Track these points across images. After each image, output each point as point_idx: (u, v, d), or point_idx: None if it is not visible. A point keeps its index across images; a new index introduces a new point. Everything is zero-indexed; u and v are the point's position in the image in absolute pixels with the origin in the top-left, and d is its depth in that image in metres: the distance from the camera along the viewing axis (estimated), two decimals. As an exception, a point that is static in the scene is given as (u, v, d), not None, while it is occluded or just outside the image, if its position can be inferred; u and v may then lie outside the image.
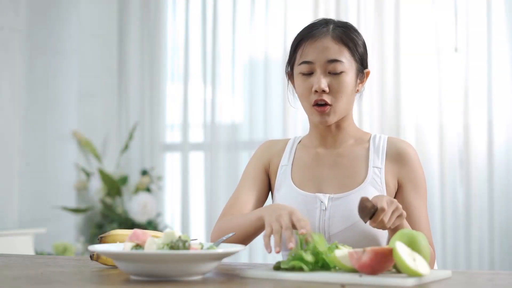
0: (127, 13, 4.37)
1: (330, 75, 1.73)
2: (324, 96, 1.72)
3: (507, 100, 3.47)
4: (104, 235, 1.63)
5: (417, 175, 1.78)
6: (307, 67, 1.74)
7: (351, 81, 1.74)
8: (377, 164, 1.77)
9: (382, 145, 1.80)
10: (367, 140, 1.82)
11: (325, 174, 1.79)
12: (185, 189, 4.18)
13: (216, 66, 4.13)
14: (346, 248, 1.42)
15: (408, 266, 1.27)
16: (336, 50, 1.73)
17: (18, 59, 4.07)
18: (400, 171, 1.77)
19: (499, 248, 3.43)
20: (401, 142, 1.81)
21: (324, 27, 1.76)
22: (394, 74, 3.67)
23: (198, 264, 1.33)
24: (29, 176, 4.07)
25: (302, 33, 1.78)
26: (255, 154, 1.92)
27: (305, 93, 1.75)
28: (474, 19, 3.52)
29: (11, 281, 1.36)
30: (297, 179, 1.81)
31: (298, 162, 1.84)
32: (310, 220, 1.73)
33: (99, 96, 4.25)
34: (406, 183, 1.76)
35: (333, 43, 1.73)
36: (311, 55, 1.73)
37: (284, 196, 1.80)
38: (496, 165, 3.46)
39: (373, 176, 1.75)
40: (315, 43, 1.74)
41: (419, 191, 1.77)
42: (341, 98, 1.73)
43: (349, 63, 1.74)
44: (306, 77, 1.75)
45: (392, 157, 1.78)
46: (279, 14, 3.97)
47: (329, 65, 1.72)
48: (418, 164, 1.79)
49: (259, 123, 4.01)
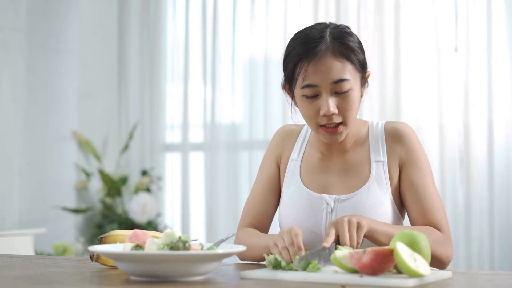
0: (127, 13, 4.37)
1: (336, 94, 1.66)
2: (333, 118, 1.66)
3: (507, 100, 3.46)
4: (104, 236, 1.63)
5: (417, 152, 1.74)
6: (311, 91, 1.66)
7: (357, 95, 1.70)
8: (378, 158, 1.75)
9: (380, 134, 1.77)
10: (366, 133, 1.79)
11: (331, 178, 1.77)
12: (185, 189, 4.18)
13: (216, 66, 4.12)
14: (346, 248, 1.42)
15: (409, 267, 1.27)
16: (340, 68, 1.65)
17: (18, 59, 4.08)
18: (400, 151, 1.74)
19: (499, 248, 3.43)
20: (397, 123, 1.79)
21: (321, 41, 1.66)
22: (394, 74, 3.67)
23: (198, 264, 1.33)
24: (29, 176, 4.07)
25: (299, 50, 1.68)
26: (270, 145, 1.90)
27: (312, 115, 1.68)
28: (474, 19, 3.52)
29: (11, 281, 1.36)
30: (305, 177, 1.79)
31: (306, 159, 1.82)
32: (317, 220, 1.72)
33: (99, 96, 4.25)
34: (407, 163, 1.73)
35: (335, 60, 1.65)
36: (314, 78, 1.65)
37: (292, 194, 1.78)
38: (496, 165, 3.45)
39: (377, 171, 1.73)
40: (317, 65, 1.64)
41: (422, 168, 1.73)
42: (351, 115, 1.68)
43: (353, 77, 1.67)
44: (311, 100, 1.67)
45: (391, 140, 1.76)
46: (279, 14, 3.97)
47: (335, 85, 1.65)
48: (416, 141, 1.76)
49: (259, 123, 4.01)
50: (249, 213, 1.85)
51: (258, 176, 1.88)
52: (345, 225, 1.48)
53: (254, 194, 1.86)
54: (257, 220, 1.84)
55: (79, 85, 4.12)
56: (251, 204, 1.86)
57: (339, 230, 1.48)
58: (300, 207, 1.75)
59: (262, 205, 1.84)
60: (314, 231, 1.71)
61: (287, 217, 1.77)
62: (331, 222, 1.51)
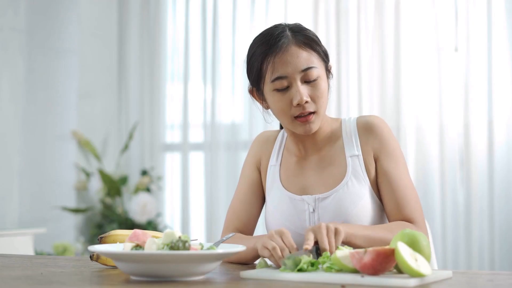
0: (127, 13, 4.37)
1: (306, 83, 1.68)
2: (306, 106, 1.68)
3: (507, 100, 3.46)
4: (104, 236, 1.63)
5: (389, 143, 1.75)
6: (281, 83, 1.67)
7: (325, 84, 1.71)
8: (353, 153, 1.75)
9: (353, 129, 1.78)
10: (339, 129, 1.80)
11: (309, 178, 1.78)
12: (185, 189, 4.18)
13: (216, 66, 4.12)
14: (347, 248, 1.41)
15: (410, 267, 1.27)
16: (306, 56, 1.68)
17: (17, 59, 4.07)
18: (373, 143, 1.75)
19: (499, 248, 3.43)
20: (368, 117, 1.80)
21: (283, 36, 1.68)
22: (394, 74, 3.67)
23: (198, 264, 1.33)
24: (28, 176, 4.07)
25: (262, 49, 1.69)
26: (249, 152, 1.92)
27: (285, 108, 1.69)
28: (474, 19, 3.52)
29: (11, 281, 1.36)
30: (285, 181, 1.81)
31: (285, 164, 1.83)
32: (301, 222, 1.74)
33: (99, 96, 4.25)
34: (381, 154, 1.74)
35: (300, 50, 1.67)
36: (283, 69, 1.66)
37: (275, 198, 1.80)
38: (496, 165, 3.45)
39: (353, 166, 1.73)
40: (283, 56, 1.66)
41: (395, 159, 1.73)
42: (322, 104, 1.70)
43: (319, 66, 1.70)
44: (283, 93, 1.68)
45: (363, 133, 1.76)
46: (279, 14, 3.96)
47: (303, 74, 1.67)
48: (388, 132, 1.76)
49: (259, 123, 4.01)
50: (233, 218, 1.85)
51: (240, 181, 1.89)
52: (323, 231, 1.48)
53: (237, 199, 1.87)
54: (242, 224, 1.84)
55: (79, 85, 4.11)
56: (235, 208, 1.86)
57: (317, 236, 1.48)
58: (283, 210, 1.76)
59: (246, 209, 1.85)
60: (299, 232, 1.72)
61: (272, 221, 1.79)
62: (309, 228, 1.50)
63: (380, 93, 3.69)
